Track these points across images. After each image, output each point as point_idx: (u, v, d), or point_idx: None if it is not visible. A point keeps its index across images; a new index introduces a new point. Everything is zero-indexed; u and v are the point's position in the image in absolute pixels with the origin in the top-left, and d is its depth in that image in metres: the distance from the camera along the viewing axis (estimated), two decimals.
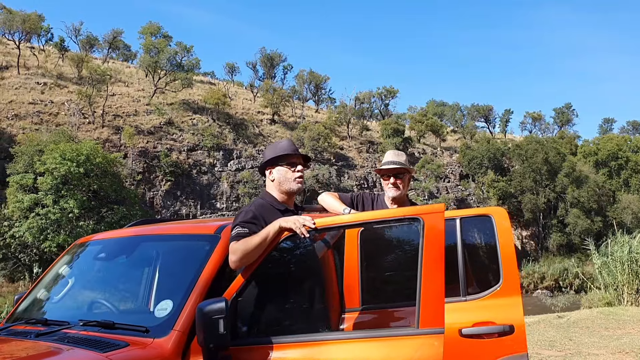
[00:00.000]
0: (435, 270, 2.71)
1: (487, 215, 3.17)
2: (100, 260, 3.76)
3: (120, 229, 4.22)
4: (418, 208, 3.02)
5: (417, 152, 51.27)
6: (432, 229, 2.78)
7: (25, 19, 42.55)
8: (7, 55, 42.81)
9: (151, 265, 3.66)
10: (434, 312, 2.68)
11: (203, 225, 3.78)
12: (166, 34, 47.10)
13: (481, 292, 3.01)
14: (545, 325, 9.80)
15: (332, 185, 41.02)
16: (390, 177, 4.05)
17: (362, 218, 3.28)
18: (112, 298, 3.55)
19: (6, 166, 29.65)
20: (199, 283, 2.96)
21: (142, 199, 34.17)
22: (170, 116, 40.55)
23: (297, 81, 55.33)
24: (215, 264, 3.05)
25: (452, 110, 67.85)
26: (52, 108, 37.23)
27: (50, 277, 3.81)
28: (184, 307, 2.88)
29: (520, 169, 49.42)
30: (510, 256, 2.99)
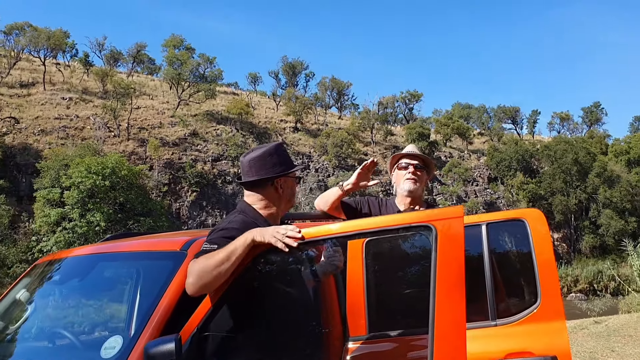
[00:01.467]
0: (453, 292, 2.12)
1: (520, 219, 2.62)
2: (55, 283, 3.24)
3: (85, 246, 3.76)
4: (429, 213, 2.35)
5: (443, 155, 50.61)
6: (448, 239, 2.18)
7: (50, 35, 43.27)
8: (33, 72, 43.52)
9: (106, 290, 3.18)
10: (453, 344, 2.11)
11: (168, 240, 3.11)
12: (189, 46, 47.44)
13: (515, 314, 2.51)
14: (583, 335, 9.28)
15: (358, 191, 40.61)
16: (409, 167, 3.50)
17: (354, 227, 2.45)
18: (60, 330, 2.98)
19: (33, 181, 29.98)
20: (157, 313, 2.37)
21: (168, 210, 34.28)
22: (195, 127, 40.71)
23: (320, 88, 55.26)
24: (179, 287, 2.44)
25: (478, 112, 66.99)
26: (78, 122, 37.64)
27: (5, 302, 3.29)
28: (135, 345, 2.31)
29: (550, 170, 48.42)
30: (550, 268, 2.47)
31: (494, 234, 2.69)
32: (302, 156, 42.57)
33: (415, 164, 3.51)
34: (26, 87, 40.92)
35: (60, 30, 45.44)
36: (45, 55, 43.78)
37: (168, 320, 2.35)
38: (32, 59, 45.67)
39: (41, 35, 42.89)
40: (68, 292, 3.18)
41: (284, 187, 2.82)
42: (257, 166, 2.79)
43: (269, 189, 2.79)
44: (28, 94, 39.70)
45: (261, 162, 2.79)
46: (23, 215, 29.91)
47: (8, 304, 3.25)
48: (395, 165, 3.63)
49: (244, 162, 2.82)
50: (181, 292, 2.43)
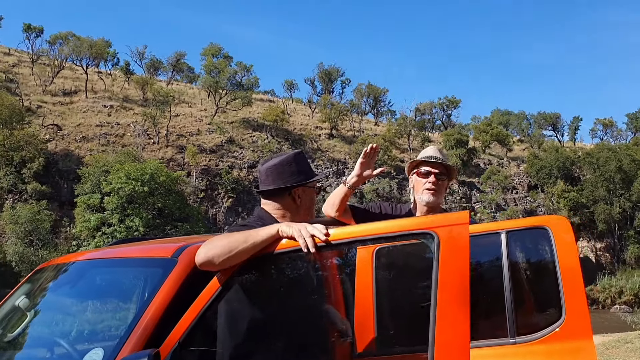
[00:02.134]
0: (456, 306, 1.94)
1: (543, 226, 2.38)
2: (47, 290, 3.16)
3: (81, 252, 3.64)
4: (431, 219, 2.20)
5: (482, 162, 49.83)
6: (451, 247, 2.02)
7: (93, 45, 44.38)
8: (76, 81, 44.66)
9: (95, 298, 3.06)
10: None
11: (159, 246, 2.94)
12: (227, 55, 48.03)
13: (536, 331, 2.28)
14: (626, 350, 8.88)
15: (393, 199, 40.29)
16: (430, 175, 3.21)
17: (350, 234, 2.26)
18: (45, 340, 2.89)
19: (74, 187, 30.66)
20: (140, 324, 2.23)
21: (205, 216, 34.65)
22: (231, 134, 41.11)
23: (356, 95, 55.13)
24: (166, 296, 2.29)
25: (518, 119, 65.81)
26: (118, 129, 38.41)
27: (4, 308, 3.20)
28: (115, 358, 2.18)
29: (592, 178, 47.11)
30: (576, 281, 2.24)
31: (514, 242, 2.49)
32: (337, 163, 42.48)
33: (436, 172, 3.23)
34: (69, 95, 42.02)
35: (103, 39, 46.61)
36: (87, 64, 44.94)
37: (153, 332, 2.20)
38: (74, 68, 46.90)
39: (84, 44, 44.03)
40: (57, 299, 3.09)
41: (302, 197, 2.71)
42: (274, 175, 2.70)
43: (287, 199, 2.69)
44: (71, 102, 40.74)
45: (278, 170, 2.70)
46: (64, 220, 30.62)
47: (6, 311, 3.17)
48: (415, 169, 3.34)
49: (262, 171, 2.72)
50: (170, 302, 2.29)
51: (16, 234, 27.70)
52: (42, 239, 27.94)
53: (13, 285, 17.30)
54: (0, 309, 3.14)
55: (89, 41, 44.34)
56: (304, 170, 2.74)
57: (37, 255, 27.32)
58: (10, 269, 27.12)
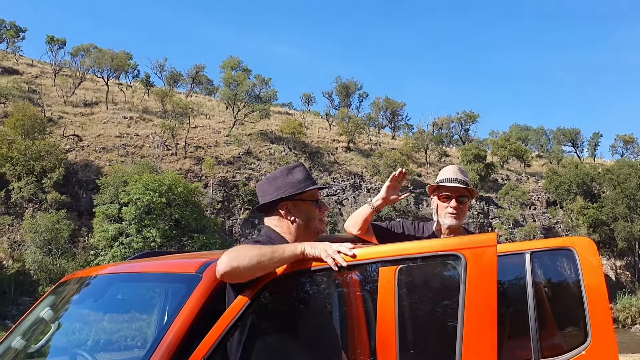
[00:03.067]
0: (483, 330, 1.94)
1: (569, 248, 2.35)
2: (72, 303, 3.18)
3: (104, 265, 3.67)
4: (458, 241, 2.21)
5: (500, 178, 49.46)
6: (478, 270, 2.03)
7: (114, 57, 44.96)
8: (97, 92, 45.26)
9: (119, 312, 3.10)
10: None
11: (184, 262, 2.97)
12: (245, 68, 48.35)
13: (561, 354, 2.24)
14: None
15: (410, 213, 40.11)
16: (452, 200, 3.23)
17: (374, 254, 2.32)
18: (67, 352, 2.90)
19: (93, 197, 30.96)
20: (165, 340, 2.23)
21: (221, 228, 34.76)
22: (249, 146, 41.31)
23: (373, 108, 55.12)
24: (191, 312, 2.29)
25: (537, 134, 65.35)
26: (138, 141, 38.79)
27: (28, 320, 3.26)
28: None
29: (612, 195, 46.50)
30: (602, 304, 2.21)
31: (538, 263, 2.45)
32: (354, 176, 42.43)
33: (457, 195, 3.24)
34: (89, 106, 42.58)
35: (124, 51, 47.21)
36: (108, 76, 45.47)
37: (177, 348, 2.21)
38: (96, 79, 47.54)
39: (105, 56, 44.63)
40: (82, 312, 3.12)
41: (293, 212, 2.60)
42: (265, 189, 2.66)
43: (278, 215, 2.63)
44: (91, 113, 41.27)
45: (266, 186, 2.66)
46: (83, 229, 30.89)
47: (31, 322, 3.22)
48: (436, 191, 3.36)
49: (259, 185, 2.71)
50: (194, 318, 2.28)
51: (35, 242, 27.98)
52: (61, 248, 28.19)
53: (31, 294, 17.64)
54: (25, 320, 3.18)
55: (110, 53, 44.95)
56: (293, 182, 2.61)
57: (55, 264, 27.56)
58: (29, 278, 27.39)
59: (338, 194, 40.10)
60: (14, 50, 52.05)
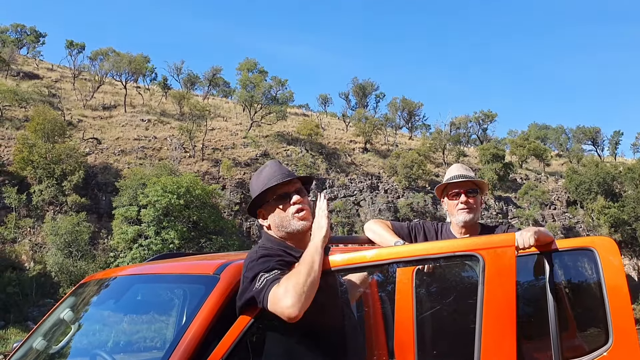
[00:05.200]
0: (502, 331, 1.93)
1: (589, 248, 2.35)
2: (93, 304, 3.23)
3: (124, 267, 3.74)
4: (476, 240, 2.22)
5: (519, 177, 49.01)
6: (496, 270, 2.01)
7: (132, 60, 45.41)
8: (115, 95, 45.71)
9: (138, 312, 3.14)
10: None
11: (202, 263, 3.00)
12: (262, 70, 48.52)
13: (583, 355, 2.23)
14: None
15: (428, 214, 39.90)
16: (460, 195, 3.19)
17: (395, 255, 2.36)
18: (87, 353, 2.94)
19: (112, 199, 31.25)
20: (185, 339, 2.25)
21: (239, 229, 34.88)
22: (266, 148, 41.43)
23: (390, 109, 54.95)
24: (209, 313, 2.32)
25: (556, 133, 64.68)
26: (156, 143, 39.08)
27: (49, 321, 3.33)
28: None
29: (634, 194, 45.85)
30: (624, 305, 2.18)
31: (559, 264, 2.43)
32: (371, 177, 42.33)
33: (466, 190, 3.20)
34: (108, 109, 43.01)
35: (141, 55, 47.67)
36: (126, 79, 45.92)
37: (196, 348, 2.23)
38: (114, 83, 48.03)
39: (123, 60, 45.08)
40: (101, 313, 3.17)
41: (267, 217, 2.54)
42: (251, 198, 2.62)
43: (262, 222, 2.58)
44: (110, 116, 41.68)
45: (251, 194, 2.60)
46: (102, 232, 31.19)
47: (52, 324, 3.28)
48: (444, 192, 3.33)
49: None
50: (212, 318, 2.31)
51: (56, 245, 28.31)
52: (81, 250, 28.49)
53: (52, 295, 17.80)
54: (46, 321, 3.25)
55: (128, 57, 45.38)
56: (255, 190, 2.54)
57: (75, 266, 27.86)
58: (50, 280, 27.71)
59: (355, 195, 40.00)
60: (34, 55, 52.83)
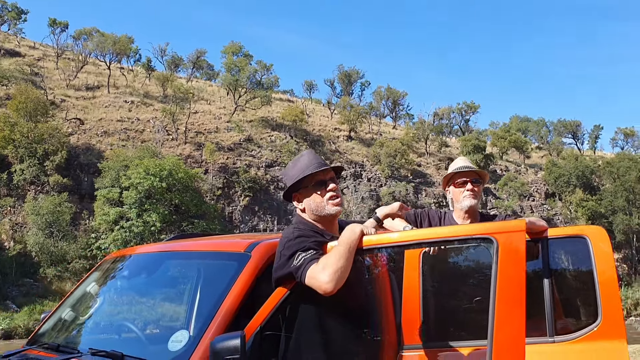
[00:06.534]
0: (513, 305, 2.16)
1: (582, 235, 2.58)
2: (124, 278, 3.46)
3: (152, 244, 3.97)
4: (491, 225, 2.47)
5: (499, 169, 49.59)
6: (509, 252, 2.24)
7: (116, 41, 44.92)
8: (98, 76, 45.25)
9: (172, 286, 3.34)
10: (512, 358, 2.13)
11: (233, 242, 3.25)
12: (247, 53, 48.21)
13: (574, 331, 2.46)
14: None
15: (409, 202, 40.28)
16: (467, 183, 3.55)
17: (419, 237, 2.63)
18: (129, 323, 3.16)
19: (94, 180, 31.11)
20: (221, 311, 2.49)
21: (221, 214, 34.88)
22: (250, 133, 41.35)
23: (375, 97, 55.09)
24: (243, 287, 2.56)
25: (537, 126, 65.38)
26: (139, 125, 38.86)
27: (76, 294, 3.57)
28: (200, 340, 2.43)
29: (612, 188, 46.66)
30: (612, 287, 2.42)
31: (553, 250, 2.67)
32: (355, 165, 42.57)
33: (471, 179, 3.57)
34: (91, 90, 42.59)
35: (126, 36, 47.09)
36: (110, 60, 45.45)
37: (232, 318, 2.48)
38: (98, 63, 47.49)
39: (107, 40, 44.58)
40: (136, 287, 3.39)
41: (302, 201, 2.81)
42: (284, 183, 2.90)
43: (297, 205, 2.85)
44: (93, 97, 41.30)
45: (285, 179, 2.88)
46: (84, 213, 31.06)
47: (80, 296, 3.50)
48: (450, 182, 3.68)
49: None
50: (245, 292, 2.56)
51: (37, 224, 28.15)
52: (62, 230, 28.36)
53: (32, 275, 17.86)
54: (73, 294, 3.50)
55: (112, 37, 44.87)
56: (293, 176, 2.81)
57: (56, 247, 27.78)
58: (30, 259, 27.61)
59: (339, 182, 40.25)
60: (16, 32, 51.92)
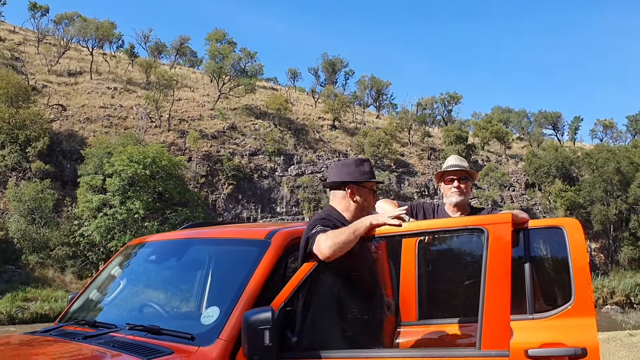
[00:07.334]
0: (500, 286, 2.50)
1: (558, 227, 2.91)
2: (151, 262, 3.75)
3: (172, 232, 4.24)
4: (482, 218, 2.87)
5: (480, 159, 50.11)
6: (498, 241, 2.59)
7: (99, 26, 44.40)
8: (81, 62, 44.75)
9: (200, 269, 3.62)
10: (498, 332, 2.46)
11: (253, 229, 3.63)
12: (231, 41, 47.91)
13: (550, 310, 2.77)
14: (616, 345, 9.27)
15: (392, 192, 40.63)
16: (454, 181, 3.87)
17: (421, 227, 3.09)
18: (159, 302, 3.48)
19: (77, 167, 30.92)
20: (247, 290, 2.85)
21: (205, 202, 34.90)
22: (233, 121, 41.27)
23: (359, 87, 55.17)
24: (265, 270, 2.92)
25: (518, 117, 66.03)
26: (122, 112, 38.61)
27: (102, 277, 3.84)
28: (230, 314, 2.78)
29: (590, 179, 47.44)
30: (584, 273, 2.73)
31: (533, 239, 2.98)
32: (338, 154, 42.76)
33: (459, 177, 3.88)
34: (74, 75, 42.13)
35: (108, 21, 46.55)
36: (93, 46, 44.93)
37: (257, 296, 2.83)
38: (80, 49, 46.92)
39: (90, 25, 44.04)
40: (166, 270, 3.73)
41: (356, 194, 3.16)
42: (336, 171, 3.27)
43: (343, 193, 3.18)
44: (75, 83, 40.87)
45: (342, 168, 3.26)
46: (66, 199, 30.89)
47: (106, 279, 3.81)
48: (441, 178, 4.01)
49: (331, 166, 3.38)
50: (267, 274, 2.92)
51: (19, 211, 27.95)
52: (45, 217, 28.19)
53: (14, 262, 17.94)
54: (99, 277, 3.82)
55: (95, 22, 44.32)
56: (363, 172, 3.20)
57: (39, 233, 27.62)
58: (12, 246, 27.43)
59: (323, 172, 40.40)
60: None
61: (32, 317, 22.66)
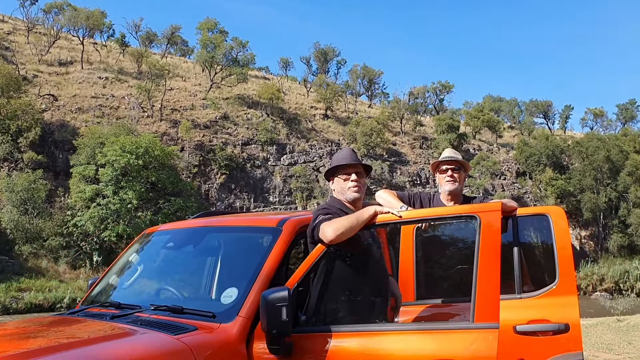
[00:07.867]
0: (491, 267, 2.82)
1: (544, 214, 3.15)
2: (169, 249, 4.02)
3: (185, 220, 4.44)
4: (475, 206, 3.21)
5: (472, 148, 50.36)
6: (489, 227, 2.89)
7: (89, 15, 44.09)
8: (71, 51, 44.46)
9: (217, 255, 3.86)
10: (489, 307, 2.77)
11: (265, 218, 3.91)
12: (222, 30, 47.67)
13: (536, 290, 3.00)
14: (603, 328, 9.50)
15: (385, 181, 40.83)
16: (448, 170, 4.12)
17: (420, 215, 3.37)
18: (181, 285, 3.78)
19: (70, 157, 30.84)
20: (262, 273, 3.13)
21: (197, 192, 34.90)
22: (226, 110, 41.22)
23: (351, 76, 55.20)
24: (278, 255, 3.21)
25: (510, 105, 66.33)
26: (113, 102, 38.47)
27: (121, 263, 4.08)
28: (248, 294, 3.06)
29: (580, 167, 47.81)
30: (567, 256, 2.97)
31: (521, 225, 3.23)
32: (331, 144, 42.83)
33: (453, 167, 4.13)
34: (65, 65, 41.88)
35: (99, 10, 46.23)
36: (83, 35, 44.65)
37: (272, 278, 3.13)
38: (70, 38, 46.61)
39: (80, 15, 43.74)
40: (185, 256, 4.02)
41: (333, 182, 3.57)
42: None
43: (330, 183, 3.61)
44: (66, 72, 40.64)
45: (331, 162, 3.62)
46: (59, 190, 30.83)
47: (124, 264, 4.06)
48: (437, 168, 4.28)
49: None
50: (279, 259, 3.21)
51: (12, 202, 27.89)
52: (37, 207, 28.14)
53: (7, 252, 18.13)
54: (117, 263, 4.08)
55: (85, 11, 44.02)
56: (332, 163, 3.59)
57: (32, 224, 27.60)
58: (5, 236, 27.40)
59: (315, 161, 40.51)
60: None
61: (27, 307, 22.70)
